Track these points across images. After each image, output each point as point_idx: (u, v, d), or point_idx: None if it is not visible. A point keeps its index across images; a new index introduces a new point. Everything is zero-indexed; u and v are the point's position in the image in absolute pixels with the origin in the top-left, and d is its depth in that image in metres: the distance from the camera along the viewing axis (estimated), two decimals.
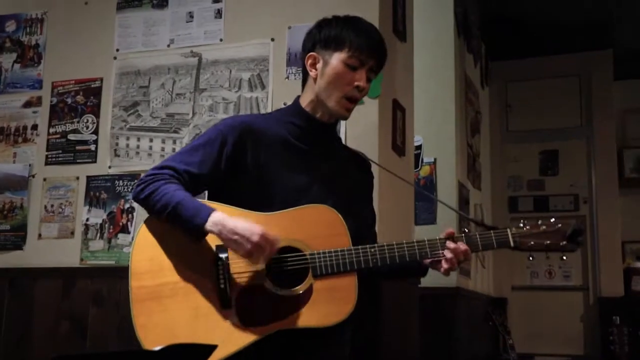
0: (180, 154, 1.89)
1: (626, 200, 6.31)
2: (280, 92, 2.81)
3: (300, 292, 1.74)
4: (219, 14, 3.01)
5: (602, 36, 5.86)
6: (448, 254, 1.79)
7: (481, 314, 4.95)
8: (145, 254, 1.78)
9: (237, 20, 2.98)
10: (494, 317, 4.83)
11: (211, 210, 1.73)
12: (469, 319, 4.53)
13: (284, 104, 2.78)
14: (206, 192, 1.98)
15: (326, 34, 1.92)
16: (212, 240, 1.75)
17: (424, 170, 4.29)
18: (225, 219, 1.71)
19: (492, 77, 6.18)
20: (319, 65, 1.91)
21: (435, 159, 4.32)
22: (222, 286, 1.71)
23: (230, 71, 2.93)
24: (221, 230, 1.70)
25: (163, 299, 1.74)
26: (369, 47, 1.89)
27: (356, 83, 1.87)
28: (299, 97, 1.99)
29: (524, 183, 6.29)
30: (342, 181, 1.96)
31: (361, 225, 1.90)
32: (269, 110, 2.80)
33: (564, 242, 1.79)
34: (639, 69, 6.33)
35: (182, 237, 1.76)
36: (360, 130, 2.69)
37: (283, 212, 1.80)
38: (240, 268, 1.74)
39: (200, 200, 1.81)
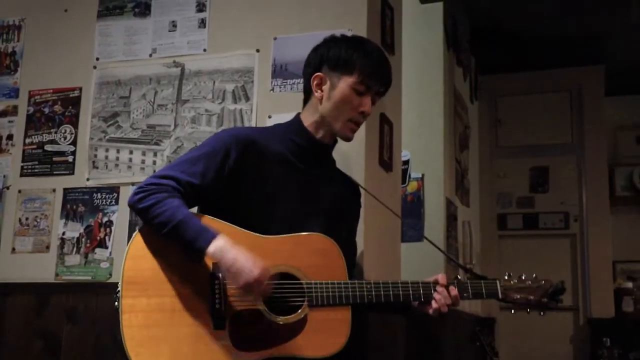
0: (181, 163, 1.88)
1: (617, 219, 6.37)
2: (265, 104, 2.83)
3: (295, 320, 1.76)
4: (202, 23, 3.03)
5: (594, 51, 5.94)
6: (438, 296, 1.88)
7: (468, 334, 4.96)
8: (138, 264, 1.76)
9: (221, 30, 3.00)
10: (482, 338, 4.85)
11: (215, 234, 1.73)
12: (455, 339, 4.54)
13: (269, 117, 2.81)
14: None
15: (335, 55, 1.96)
16: (210, 258, 1.75)
17: (412, 186, 4.32)
18: (227, 247, 1.71)
19: (481, 91, 6.24)
20: (326, 87, 1.95)
21: (423, 175, 4.35)
22: (218, 306, 1.71)
23: (214, 82, 2.94)
24: (221, 258, 1.71)
25: (153, 313, 1.73)
26: (377, 73, 1.96)
27: (361, 109, 1.94)
28: (299, 114, 2.03)
29: (513, 200, 6.34)
30: (337, 207, 2.01)
31: (347, 255, 1.93)
32: (253, 123, 2.81)
33: (545, 300, 1.93)
34: (631, 84, 6.42)
35: (178, 250, 1.76)
36: (347, 145, 2.70)
37: (283, 236, 1.83)
38: (236, 289, 1.74)
39: (199, 215, 1.81)
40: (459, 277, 1.94)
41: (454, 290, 1.88)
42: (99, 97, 3.12)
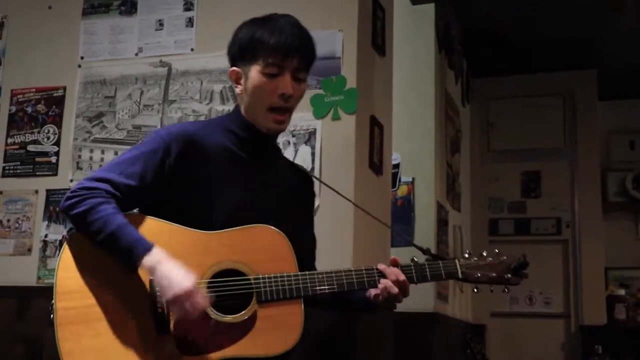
0: (118, 163, 1.79)
1: (610, 224, 6.41)
2: None
3: (244, 318, 1.70)
4: (190, 22, 3.03)
5: (587, 55, 5.98)
6: (383, 282, 1.79)
7: (459, 341, 4.97)
8: (71, 272, 1.69)
9: (209, 30, 3.00)
10: (472, 345, 4.86)
11: (149, 246, 1.66)
12: (446, 346, 4.55)
13: None
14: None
15: (239, 44, 1.86)
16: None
17: (402, 190, 4.33)
18: (161, 261, 1.65)
19: (473, 94, 6.26)
20: (242, 81, 1.86)
21: (413, 179, 4.36)
22: (160, 310, 1.66)
23: (202, 82, 2.94)
24: (154, 271, 1.65)
25: (93, 323, 1.65)
26: (285, 48, 1.79)
27: (279, 92, 1.81)
28: (238, 104, 1.95)
29: (505, 205, 6.36)
30: (287, 196, 1.94)
31: (302, 245, 1.87)
32: None
33: (509, 275, 1.85)
34: (624, 89, 6.46)
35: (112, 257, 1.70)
36: (336, 148, 2.72)
37: (228, 231, 1.76)
38: (167, 305, 1.67)
39: (138, 217, 1.76)
40: (415, 259, 1.86)
41: (402, 276, 1.79)
42: (83, 97, 3.12)
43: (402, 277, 1.80)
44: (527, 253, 1.94)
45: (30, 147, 3.16)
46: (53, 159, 3.11)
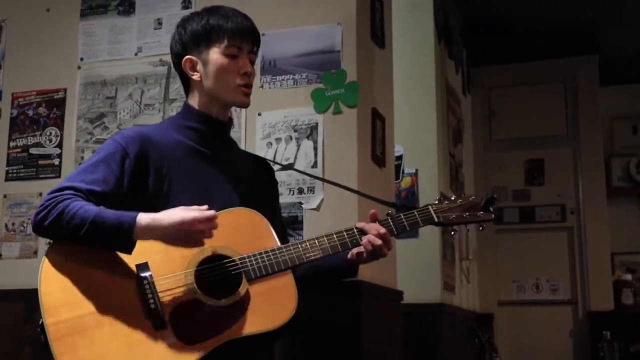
0: (77, 173, 1.81)
1: (614, 210, 6.40)
2: (254, 101, 2.78)
3: (237, 299, 1.71)
4: None
5: (588, 41, 5.95)
6: (366, 239, 1.83)
7: (466, 331, 4.97)
8: (55, 285, 1.66)
9: None
10: (480, 334, 4.87)
11: (134, 214, 1.67)
12: (453, 336, 4.55)
13: (258, 114, 2.81)
14: None
15: (193, 32, 1.92)
16: (129, 260, 1.69)
17: (405, 182, 4.32)
18: (155, 217, 1.67)
19: (474, 84, 6.25)
20: (199, 67, 1.92)
21: (416, 170, 4.36)
22: (153, 306, 1.65)
23: None
24: (154, 225, 1.66)
25: (87, 332, 1.63)
26: (240, 32, 1.91)
27: (242, 70, 1.90)
28: (186, 102, 1.99)
29: (509, 193, 6.35)
30: (252, 186, 1.97)
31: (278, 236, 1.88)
32: (242, 121, 2.81)
33: (481, 213, 1.93)
34: (626, 74, 6.44)
35: (94, 260, 1.69)
36: (338, 141, 2.72)
37: None
38: (167, 285, 1.69)
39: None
40: (390, 212, 1.90)
41: (382, 229, 1.84)
42: (84, 98, 3.12)
43: (382, 230, 1.85)
44: (532, 241, 1.98)
45: (33, 150, 3.16)
46: (56, 161, 3.11)
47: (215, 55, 1.89)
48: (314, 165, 2.67)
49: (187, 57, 1.93)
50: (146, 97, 3.02)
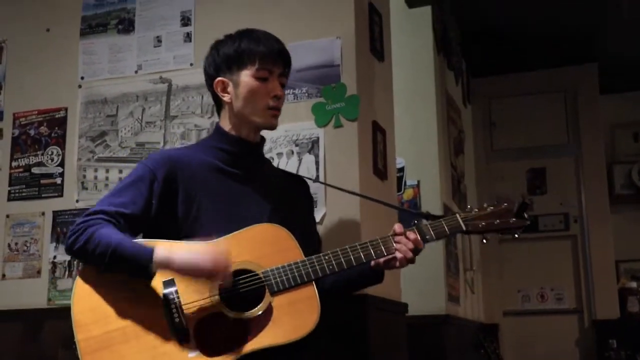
0: (108, 196, 1.89)
1: (618, 217, 6.39)
2: None
3: (260, 312, 1.75)
4: (188, 37, 3.04)
5: (587, 49, 5.97)
6: (398, 245, 1.87)
7: (472, 342, 4.96)
8: (86, 304, 1.76)
9: (207, 44, 2.96)
10: (486, 345, 4.85)
11: (151, 247, 1.74)
12: (459, 346, 4.54)
13: None
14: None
15: (225, 55, 1.99)
16: (157, 276, 1.76)
17: (408, 194, 4.32)
18: (171, 251, 1.72)
19: (474, 94, 6.27)
20: (230, 89, 1.98)
21: (418, 182, 4.36)
22: (177, 320, 1.71)
23: (202, 97, 2.94)
24: (170, 262, 1.71)
25: (115, 346, 1.72)
26: (271, 55, 1.96)
27: (272, 93, 1.95)
28: (217, 123, 2.06)
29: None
30: (281, 204, 1.99)
31: (306, 249, 1.91)
32: None
33: (513, 219, 1.89)
34: (626, 82, 6.45)
35: (122, 280, 1.76)
36: (340, 155, 2.72)
37: (227, 237, 1.83)
38: (191, 299, 1.74)
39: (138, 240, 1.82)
40: (416, 222, 1.90)
41: (412, 234, 1.87)
42: (85, 117, 3.13)
43: (412, 235, 1.87)
44: (536, 250, 1.96)
45: (35, 170, 3.16)
46: (58, 180, 3.12)
47: (246, 77, 1.95)
48: (316, 180, 2.67)
49: (219, 79, 1.99)
50: (147, 114, 3.02)
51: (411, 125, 4.30)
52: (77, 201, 3.06)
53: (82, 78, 3.17)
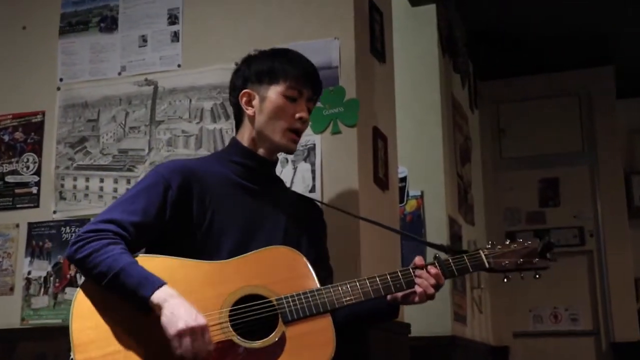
0: (120, 203, 1.91)
1: (637, 232, 6.41)
2: None
3: (273, 342, 1.77)
4: (175, 37, 3.06)
5: (602, 51, 6.01)
6: (419, 280, 1.90)
7: None
8: (87, 322, 1.77)
9: (196, 44, 3.03)
10: None
11: (160, 282, 1.73)
12: None
13: None
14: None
15: (258, 69, 2.07)
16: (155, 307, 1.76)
17: (410, 205, 4.34)
18: (169, 299, 1.71)
19: (482, 98, 6.29)
20: (256, 102, 2.05)
21: (422, 192, 4.38)
22: None
23: (190, 100, 2.96)
24: (162, 308, 1.71)
25: None
26: (304, 77, 2.05)
27: (297, 115, 2.03)
28: (234, 137, 2.12)
29: (522, 215, 6.37)
30: (295, 224, 2.05)
31: (321, 278, 1.93)
32: None
33: (536, 259, 1.98)
34: None
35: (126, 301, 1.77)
36: (338, 163, 2.74)
37: (240, 257, 1.85)
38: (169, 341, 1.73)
39: (146, 256, 1.83)
40: (438, 256, 1.94)
41: (433, 269, 1.91)
42: (64, 122, 3.14)
43: (434, 270, 1.91)
44: (548, 267, 2.00)
45: (9, 178, 3.17)
46: (34, 190, 3.13)
47: (274, 94, 2.03)
48: (312, 190, 2.69)
49: (246, 90, 2.07)
50: (131, 119, 3.04)
51: (414, 131, 4.33)
52: (54, 212, 3.07)
53: (61, 80, 3.19)
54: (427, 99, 4.46)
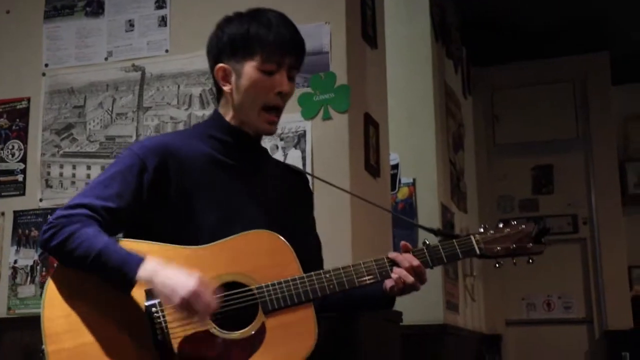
0: (93, 187, 1.83)
1: (631, 219, 6.45)
2: None
3: (252, 332, 1.73)
4: (163, 21, 3.04)
5: (598, 37, 6.01)
6: (396, 270, 1.83)
7: (472, 354, 4.99)
8: (59, 311, 1.70)
9: (184, 28, 3.01)
10: (487, 357, 4.89)
11: (142, 257, 1.69)
12: (458, 359, 4.57)
13: None
14: None
15: (230, 38, 1.90)
16: (139, 285, 1.71)
17: (402, 193, 4.35)
18: (158, 267, 1.68)
19: (475, 85, 6.30)
20: (232, 78, 1.91)
21: (414, 180, 4.38)
22: (160, 337, 1.67)
23: (179, 86, 2.95)
24: (153, 281, 1.67)
25: None
26: (282, 44, 1.88)
27: (277, 90, 1.88)
28: (216, 109, 1.99)
29: (515, 203, 6.39)
30: (279, 200, 1.97)
31: (305, 251, 1.89)
32: None
33: (530, 244, 1.90)
34: None
35: (101, 285, 1.72)
36: (328, 150, 2.73)
37: (220, 242, 1.79)
38: (177, 313, 1.69)
39: (125, 240, 1.78)
40: (427, 242, 1.88)
41: (415, 261, 1.83)
42: (50, 108, 3.13)
43: (415, 262, 1.83)
44: (543, 254, 1.97)
45: None
46: (19, 177, 3.12)
47: (250, 69, 1.87)
48: (304, 172, 2.68)
49: (220, 65, 1.91)
50: (118, 105, 3.03)
51: (406, 118, 4.33)
52: (40, 200, 3.06)
53: (47, 65, 3.17)
54: (419, 85, 4.45)
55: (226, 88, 1.92)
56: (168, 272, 1.67)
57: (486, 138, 6.46)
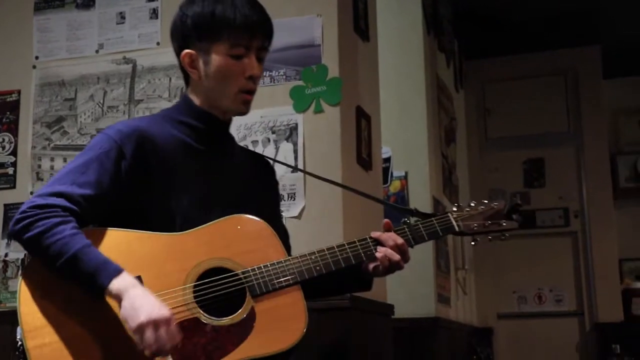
0: (68, 173, 1.75)
1: (622, 213, 6.47)
2: None
3: (241, 318, 1.71)
4: (154, 13, 3.04)
5: (589, 30, 6.02)
6: (380, 249, 1.84)
7: (464, 347, 5.01)
8: (37, 305, 1.65)
9: None
10: (478, 350, 4.91)
11: (118, 269, 1.63)
12: (450, 352, 4.58)
13: None
14: None
15: (195, 22, 1.84)
16: (107, 297, 1.65)
17: (394, 186, 4.35)
18: (129, 287, 1.60)
19: (467, 78, 6.30)
20: (199, 65, 1.86)
21: (406, 173, 4.39)
22: None
23: (170, 79, 2.95)
24: (121, 295, 1.60)
25: (74, 356, 1.62)
26: (249, 27, 1.82)
27: (247, 74, 1.84)
28: (185, 94, 1.95)
29: (506, 196, 6.40)
30: (250, 185, 1.95)
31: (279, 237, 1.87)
32: None
33: (504, 222, 1.95)
34: (631, 65, 6.51)
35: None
36: (320, 143, 2.74)
37: (201, 228, 1.77)
38: (163, 302, 1.65)
39: (100, 230, 1.73)
40: (407, 220, 1.91)
41: (398, 239, 1.84)
42: (40, 101, 3.12)
43: (400, 240, 1.84)
44: (533, 248, 2.01)
45: None
46: (10, 171, 3.11)
47: (217, 55, 1.83)
48: (294, 170, 2.69)
49: (187, 51, 1.86)
50: (109, 98, 3.02)
51: (398, 111, 4.33)
52: (31, 193, 3.04)
53: (37, 58, 3.16)
54: (411, 78, 4.46)
55: (194, 75, 1.88)
56: (141, 293, 1.61)
57: (478, 131, 6.47)
